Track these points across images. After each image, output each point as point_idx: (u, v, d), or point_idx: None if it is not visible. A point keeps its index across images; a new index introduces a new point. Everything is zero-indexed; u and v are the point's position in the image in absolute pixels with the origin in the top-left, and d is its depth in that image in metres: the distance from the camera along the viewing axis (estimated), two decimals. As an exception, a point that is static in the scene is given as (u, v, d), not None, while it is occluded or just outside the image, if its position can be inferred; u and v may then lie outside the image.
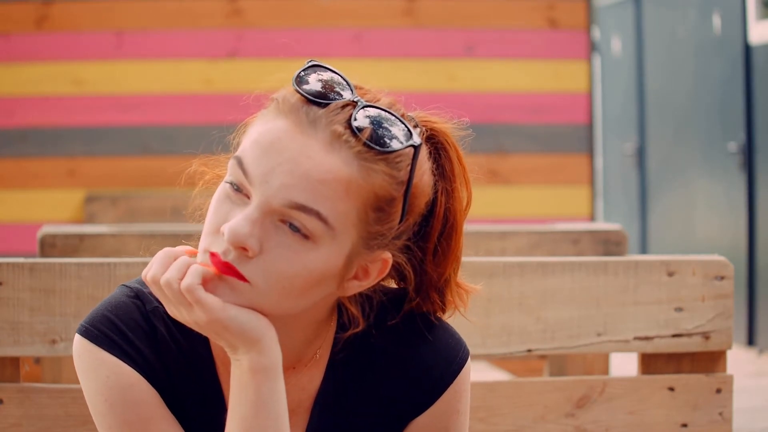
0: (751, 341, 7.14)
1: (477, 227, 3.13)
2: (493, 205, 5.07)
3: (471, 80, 5.06)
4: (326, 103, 1.40)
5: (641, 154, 8.97)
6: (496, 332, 1.96)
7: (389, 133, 1.40)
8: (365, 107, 1.40)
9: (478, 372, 3.38)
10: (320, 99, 1.40)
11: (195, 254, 1.42)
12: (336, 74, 1.43)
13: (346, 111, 1.39)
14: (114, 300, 1.50)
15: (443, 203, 1.48)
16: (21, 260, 1.90)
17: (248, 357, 1.40)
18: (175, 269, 1.39)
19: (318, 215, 1.37)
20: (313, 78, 1.42)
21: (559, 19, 5.09)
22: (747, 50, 7.20)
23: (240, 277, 1.38)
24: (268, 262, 1.38)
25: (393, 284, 1.56)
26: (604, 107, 9.78)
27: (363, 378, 1.52)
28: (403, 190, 1.42)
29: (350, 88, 1.42)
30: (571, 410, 1.99)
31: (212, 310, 1.38)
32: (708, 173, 7.74)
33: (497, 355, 1.97)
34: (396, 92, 1.49)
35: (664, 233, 8.61)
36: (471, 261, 1.95)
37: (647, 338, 1.99)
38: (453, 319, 1.56)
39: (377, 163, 1.39)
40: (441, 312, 1.54)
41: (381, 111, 1.41)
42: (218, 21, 4.97)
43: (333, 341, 1.52)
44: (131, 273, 1.89)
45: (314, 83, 1.41)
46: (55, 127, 4.93)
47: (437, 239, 1.48)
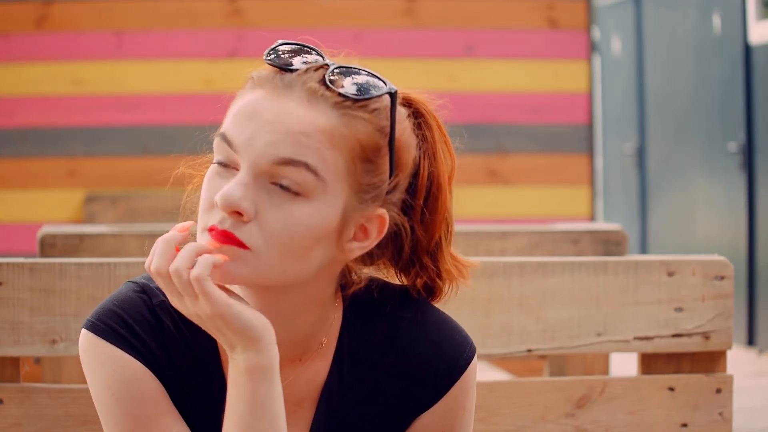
0: (751, 341, 7.14)
1: (477, 227, 3.13)
2: (493, 205, 5.08)
3: (471, 80, 5.06)
4: (298, 68, 1.43)
5: (641, 154, 8.97)
6: (496, 332, 1.96)
7: (364, 84, 1.43)
8: (338, 67, 1.44)
9: (478, 372, 3.37)
10: (292, 66, 1.44)
11: (186, 230, 1.42)
12: (305, 46, 1.46)
13: (320, 72, 1.43)
14: (120, 295, 1.50)
15: (426, 167, 1.50)
16: (21, 260, 1.90)
17: (245, 356, 1.40)
18: (184, 258, 1.38)
19: (306, 166, 1.39)
20: (283, 49, 1.46)
21: (559, 19, 5.09)
22: (747, 50, 7.20)
23: (240, 245, 1.39)
24: (265, 225, 1.39)
25: (394, 279, 1.57)
26: (604, 107, 9.78)
27: (370, 372, 1.53)
28: (388, 140, 1.44)
29: (321, 55, 1.46)
30: (571, 410, 1.99)
31: (217, 304, 1.38)
32: (708, 173, 7.74)
33: (497, 355, 1.97)
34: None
35: (664, 233, 8.61)
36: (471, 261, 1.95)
37: (647, 338, 1.99)
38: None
39: (356, 111, 1.42)
40: (438, 280, 1.54)
41: (353, 68, 1.45)
42: (218, 21, 4.97)
43: (339, 331, 1.53)
44: (131, 273, 1.89)
45: (285, 55, 1.45)
46: (55, 127, 4.94)
47: (423, 202, 1.50)
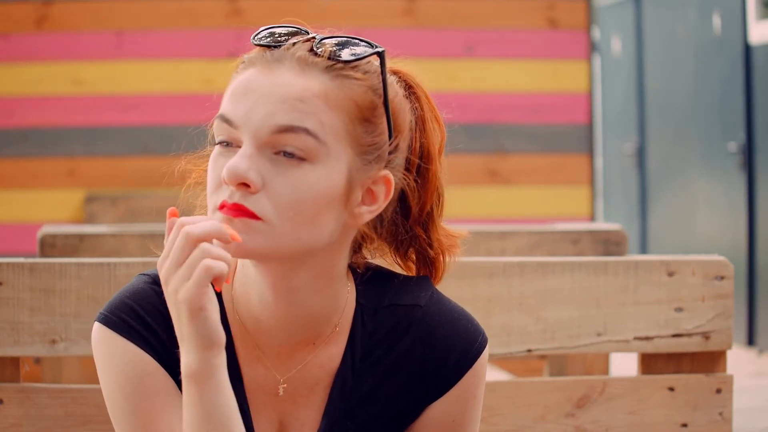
0: (751, 341, 7.14)
1: (477, 227, 3.13)
2: (493, 205, 5.08)
3: (471, 80, 5.06)
4: (286, 41, 1.47)
5: (641, 154, 8.97)
6: (496, 332, 1.96)
7: (352, 47, 1.47)
8: (324, 37, 1.48)
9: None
10: (280, 42, 1.47)
11: (176, 214, 1.42)
12: (289, 26, 1.50)
13: (307, 43, 1.47)
14: (132, 287, 1.51)
15: (417, 138, 1.53)
16: (21, 260, 1.90)
17: (188, 356, 1.39)
18: (205, 229, 1.37)
19: (306, 131, 1.41)
20: (270, 31, 1.49)
21: (559, 19, 5.09)
22: (747, 50, 7.20)
23: (252, 215, 1.40)
24: (274, 193, 1.41)
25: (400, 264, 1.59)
26: (604, 107, 9.78)
27: (383, 359, 1.54)
28: (382, 100, 1.47)
29: (306, 30, 1.49)
30: (571, 410, 1.99)
31: (200, 297, 1.36)
32: (708, 173, 7.74)
33: (497, 355, 1.97)
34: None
35: (664, 233, 8.61)
36: (471, 261, 1.95)
37: (647, 338, 1.99)
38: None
39: (348, 72, 1.45)
40: (429, 250, 1.56)
41: (339, 35, 1.49)
42: (218, 21, 4.97)
43: (353, 317, 1.54)
44: (131, 273, 1.89)
45: (272, 35, 1.49)
46: (55, 127, 4.93)
47: (415, 173, 1.53)
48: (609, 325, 1.99)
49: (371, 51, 1.47)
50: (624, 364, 4.52)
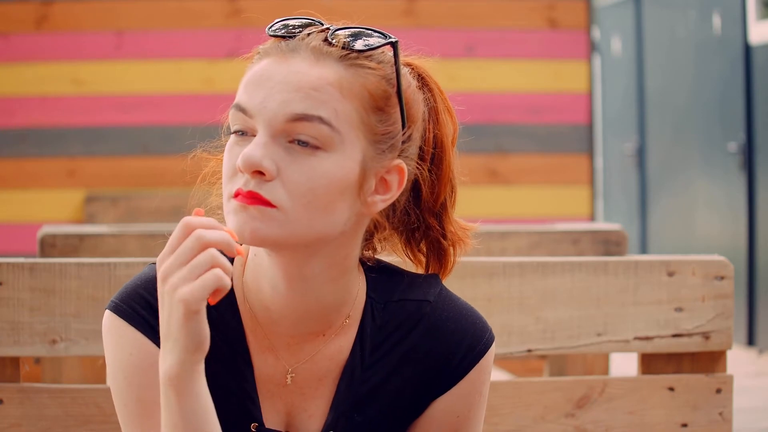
0: (751, 341, 7.14)
1: (477, 227, 3.12)
2: (493, 205, 5.08)
3: (471, 80, 5.06)
4: (300, 32, 1.48)
5: (641, 154, 8.97)
6: (496, 332, 1.95)
7: (366, 37, 1.49)
8: (338, 28, 1.49)
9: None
10: (294, 32, 1.49)
11: (202, 213, 1.42)
12: (303, 17, 1.51)
13: (321, 34, 1.48)
14: (144, 276, 1.52)
15: (431, 129, 1.55)
16: (21, 260, 1.90)
17: (170, 357, 1.38)
18: (218, 237, 1.38)
19: (320, 120, 1.43)
20: (284, 23, 1.51)
21: (559, 19, 5.09)
22: (747, 50, 7.20)
23: (266, 203, 1.41)
24: (288, 181, 1.42)
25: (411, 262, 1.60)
26: (604, 107, 9.78)
27: (391, 353, 1.55)
28: (395, 90, 1.49)
29: (320, 21, 1.51)
30: (571, 410, 1.99)
31: (199, 296, 1.36)
32: (708, 173, 7.74)
33: (497, 355, 1.97)
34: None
35: (664, 233, 8.61)
36: (471, 261, 1.95)
37: (647, 338, 1.99)
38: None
39: (362, 62, 1.47)
40: (443, 241, 1.58)
41: (353, 26, 1.50)
42: (218, 21, 4.97)
43: (363, 310, 1.55)
44: (131, 273, 1.89)
45: (287, 26, 1.50)
46: (55, 127, 4.94)
47: (429, 164, 1.55)
48: (609, 325, 1.99)
49: (385, 41, 1.49)
50: (624, 364, 4.52)
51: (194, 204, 1.53)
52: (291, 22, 1.50)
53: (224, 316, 1.52)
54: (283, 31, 1.49)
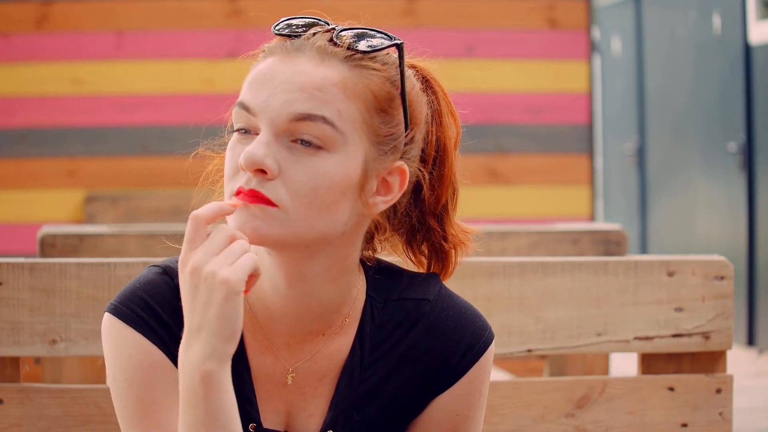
0: (751, 341, 7.14)
1: (477, 227, 3.12)
2: (493, 205, 5.08)
3: (471, 80, 5.06)
4: (305, 32, 1.49)
5: (641, 154, 8.97)
6: (496, 332, 1.95)
7: (371, 38, 1.49)
8: (344, 28, 1.50)
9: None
10: (299, 32, 1.49)
11: (236, 205, 1.43)
12: (308, 17, 1.51)
13: (327, 34, 1.49)
14: (143, 278, 1.52)
15: (434, 131, 1.55)
16: (21, 260, 1.90)
17: (202, 348, 1.37)
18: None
19: (324, 119, 1.43)
20: (289, 22, 1.51)
21: (559, 19, 5.09)
22: (747, 50, 7.20)
23: (268, 202, 1.42)
24: (290, 180, 1.42)
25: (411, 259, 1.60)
26: (604, 107, 9.78)
27: (391, 352, 1.55)
28: (399, 91, 1.49)
29: (325, 21, 1.51)
30: (571, 410, 1.99)
31: (239, 281, 1.36)
32: (708, 173, 7.74)
33: (497, 355, 1.97)
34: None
35: (664, 233, 8.61)
36: (471, 261, 1.95)
37: (647, 338, 1.99)
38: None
39: (367, 63, 1.47)
40: (444, 243, 1.58)
41: (358, 27, 1.51)
42: (218, 21, 4.97)
43: (362, 309, 1.55)
44: (131, 273, 1.89)
45: (293, 25, 1.50)
46: (55, 127, 4.94)
47: (431, 166, 1.55)
48: (609, 325, 1.99)
49: (390, 43, 1.49)
50: (624, 364, 4.52)
51: (195, 203, 1.53)
52: (296, 21, 1.50)
53: None
54: (288, 31, 1.49)
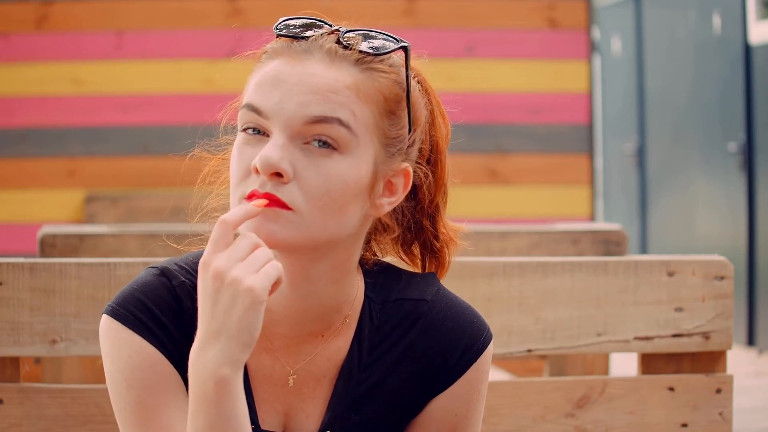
0: (751, 341, 7.14)
1: (477, 227, 3.13)
2: (493, 205, 5.08)
3: (471, 80, 5.06)
4: (312, 35, 1.48)
5: (641, 154, 8.97)
6: (496, 332, 1.96)
7: (379, 41, 1.49)
8: (349, 30, 1.49)
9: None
10: (305, 34, 1.48)
11: (262, 206, 1.42)
12: (308, 17, 1.51)
13: (333, 36, 1.48)
14: (141, 279, 1.51)
15: (427, 131, 1.56)
16: (21, 260, 1.90)
17: (221, 353, 1.36)
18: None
19: (339, 122, 1.43)
20: (292, 23, 1.50)
21: (559, 19, 5.09)
22: (747, 50, 7.20)
23: (283, 206, 1.41)
24: (304, 183, 1.42)
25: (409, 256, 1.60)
26: (604, 107, 9.78)
27: (389, 352, 1.55)
28: (405, 93, 1.50)
29: (328, 23, 1.51)
30: (571, 410, 1.99)
31: (264, 288, 1.36)
32: (708, 173, 7.74)
33: (497, 355, 1.97)
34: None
35: (664, 233, 8.61)
36: (471, 261, 1.95)
37: (647, 338, 1.99)
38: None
39: (377, 66, 1.48)
40: (435, 242, 1.58)
41: (363, 29, 1.51)
42: (218, 21, 4.97)
43: (360, 310, 1.55)
44: (131, 273, 1.89)
45: (295, 26, 1.50)
46: (55, 127, 4.94)
47: (425, 165, 1.56)
48: (609, 325, 1.99)
49: (397, 45, 1.50)
50: (624, 364, 4.52)
51: (195, 204, 1.53)
52: (296, 22, 1.50)
53: None
54: (287, 31, 1.49)
